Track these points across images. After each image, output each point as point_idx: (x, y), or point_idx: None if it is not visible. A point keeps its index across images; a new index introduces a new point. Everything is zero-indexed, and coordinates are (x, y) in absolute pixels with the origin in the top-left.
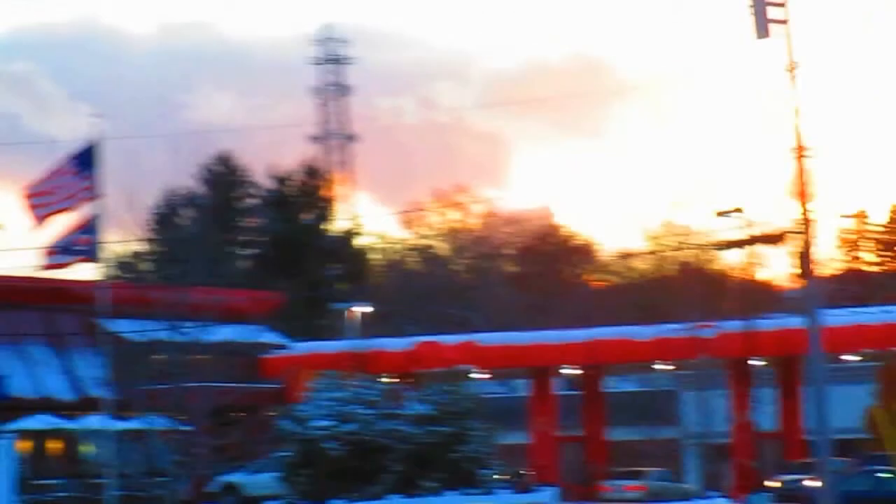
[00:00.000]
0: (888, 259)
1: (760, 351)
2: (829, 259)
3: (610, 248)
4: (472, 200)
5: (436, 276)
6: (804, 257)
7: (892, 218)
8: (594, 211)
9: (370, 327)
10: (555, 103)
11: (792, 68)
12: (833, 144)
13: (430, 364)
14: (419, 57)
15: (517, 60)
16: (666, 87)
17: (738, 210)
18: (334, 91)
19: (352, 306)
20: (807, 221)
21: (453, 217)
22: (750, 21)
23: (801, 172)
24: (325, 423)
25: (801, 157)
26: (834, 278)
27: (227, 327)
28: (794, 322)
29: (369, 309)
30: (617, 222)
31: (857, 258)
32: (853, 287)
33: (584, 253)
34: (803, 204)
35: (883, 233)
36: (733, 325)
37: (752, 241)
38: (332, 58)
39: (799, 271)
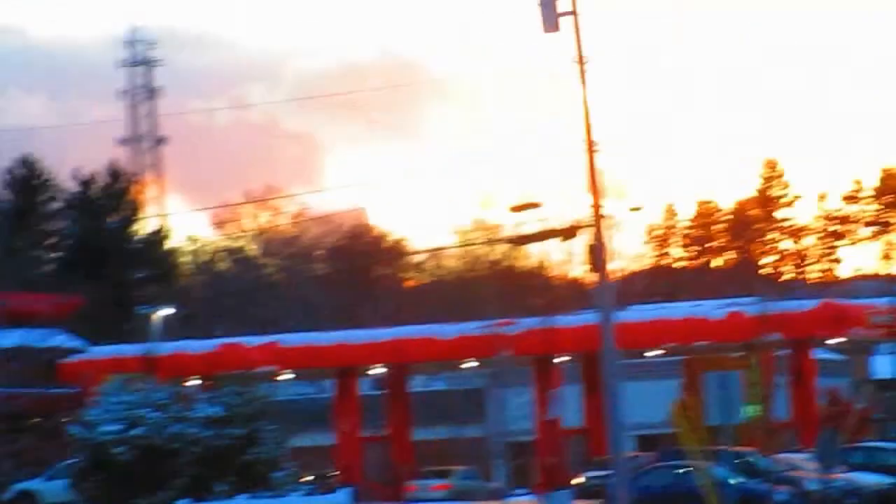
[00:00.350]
0: (696, 255)
1: (562, 347)
2: (639, 255)
3: (421, 246)
4: (284, 201)
5: (246, 278)
6: (595, 251)
7: (698, 213)
8: (406, 210)
9: (177, 330)
10: (366, 103)
11: (581, 62)
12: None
13: (232, 366)
14: (230, 58)
15: (328, 60)
16: (473, 84)
17: (534, 205)
18: (143, 93)
19: (157, 309)
20: (598, 216)
21: (265, 218)
22: (539, 14)
23: (591, 167)
24: (113, 427)
25: (591, 151)
26: (643, 274)
27: (17, 331)
28: (595, 318)
29: (174, 311)
30: (429, 221)
31: (665, 254)
32: (662, 282)
33: (395, 252)
34: (594, 198)
35: (690, 228)
36: (535, 322)
37: (545, 235)
38: (141, 60)
39: (591, 266)
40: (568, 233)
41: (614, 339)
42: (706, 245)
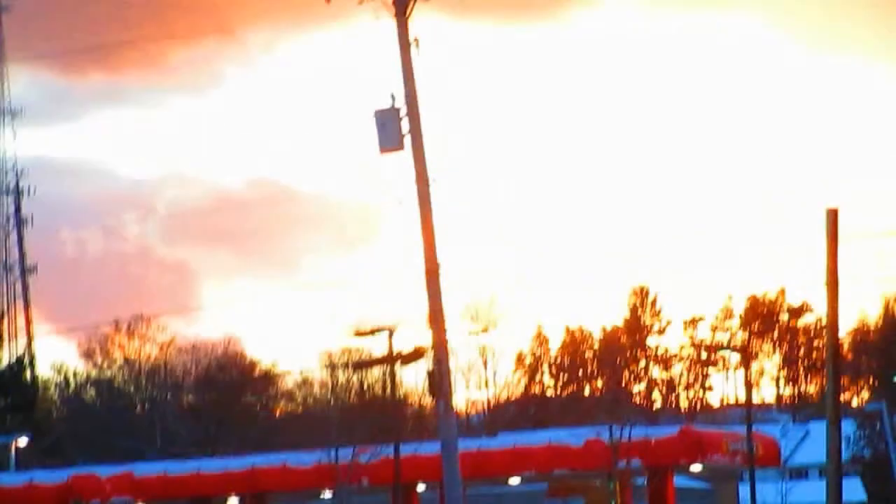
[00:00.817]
0: (566, 382)
1: (419, 475)
2: (510, 382)
3: (290, 374)
4: (154, 330)
5: (113, 408)
6: (433, 376)
7: (566, 341)
8: (278, 337)
9: (36, 460)
10: (239, 230)
11: (424, 183)
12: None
13: (86, 496)
14: (104, 188)
15: (201, 189)
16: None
17: (378, 330)
18: (12, 222)
19: (16, 438)
20: (438, 340)
21: (134, 347)
22: (376, 134)
23: (433, 292)
24: None
25: (431, 275)
26: (514, 401)
27: None
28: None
29: (31, 440)
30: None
31: (536, 381)
32: (532, 410)
33: (266, 380)
34: (434, 323)
35: (560, 355)
36: (393, 449)
37: (385, 360)
38: (9, 189)
39: (431, 391)
40: (409, 358)
41: (458, 468)
42: (576, 372)
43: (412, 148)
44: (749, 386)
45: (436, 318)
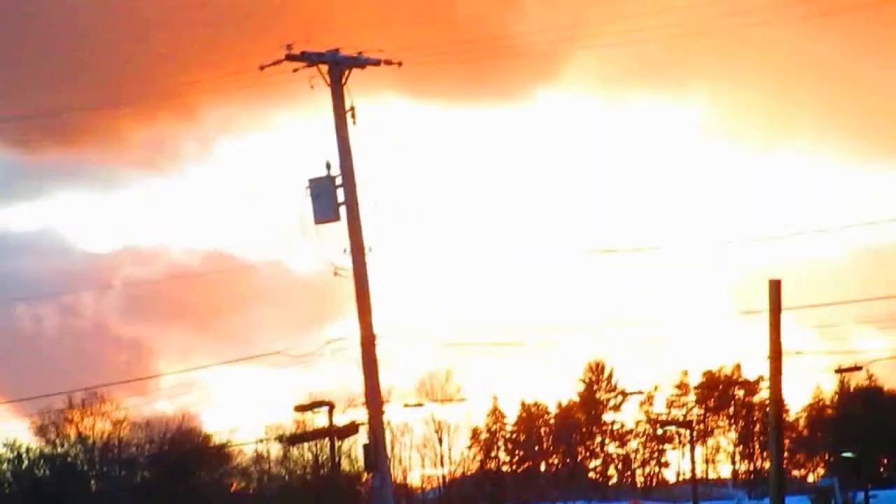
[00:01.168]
0: (521, 457)
1: None
2: (465, 458)
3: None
4: (108, 407)
5: (66, 485)
6: (369, 451)
7: (521, 417)
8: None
9: None
10: (195, 306)
11: (361, 252)
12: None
13: None
14: (61, 263)
15: (158, 266)
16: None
17: (322, 404)
18: None
19: None
20: (375, 414)
21: (88, 424)
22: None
23: (369, 363)
24: None
25: (367, 347)
26: (469, 478)
27: None
28: None
29: None
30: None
31: (492, 457)
32: (488, 486)
33: (220, 456)
34: (370, 395)
35: (514, 432)
36: None
37: (319, 434)
38: None
39: (367, 465)
40: (344, 432)
41: None
42: (532, 448)
43: (347, 218)
44: (694, 462)
45: (372, 391)
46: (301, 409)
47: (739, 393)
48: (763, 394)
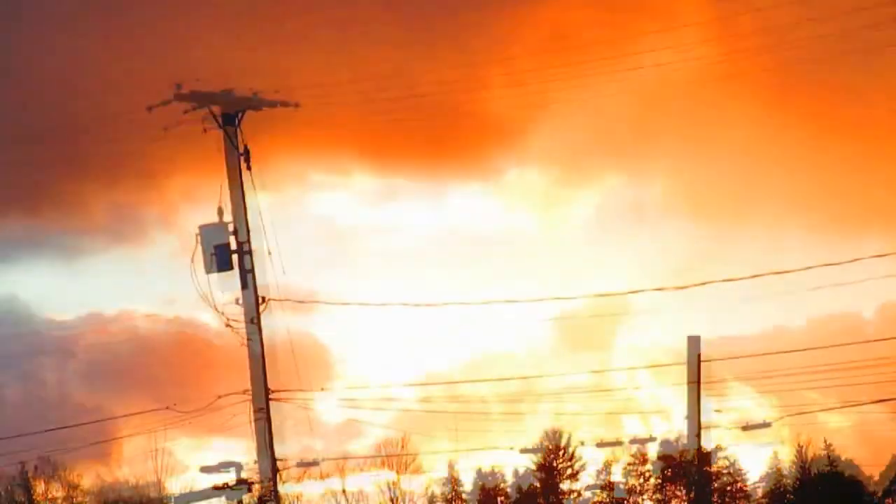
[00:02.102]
0: None
1: None
2: None
3: None
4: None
5: None
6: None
7: (476, 485)
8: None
9: None
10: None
11: (257, 304)
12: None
13: None
14: (21, 331)
15: (119, 334)
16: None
17: (230, 465)
18: None
19: None
20: (271, 471)
21: (41, 490)
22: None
23: (262, 422)
24: None
25: (262, 404)
26: None
27: None
28: None
29: None
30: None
31: None
32: None
33: None
34: (262, 454)
35: (469, 501)
36: None
37: (210, 493)
38: None
39: None
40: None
41: None
42: None
43: (239, 267)
44: None
45: (263, 446)
46: (207, 470)
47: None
48: (721, 462)
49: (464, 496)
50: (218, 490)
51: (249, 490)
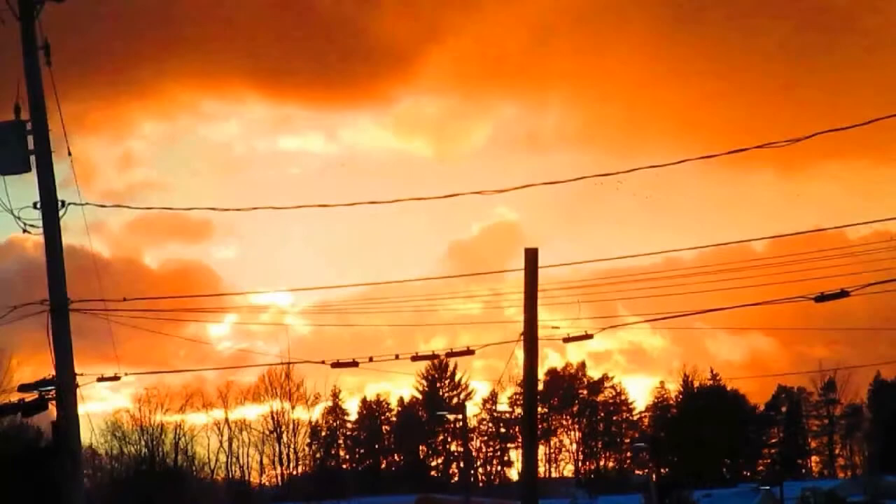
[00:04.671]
0: (363, 455)
1: None
2: (305, 455)
3: None
4: None
5: None
6: (58, 428)
7: (360, 414)
8: None
9: None
10: None
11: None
12: None
13: None
14: None
15: None
16: None
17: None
18: None
19: None
20: (67, 386)
21: None
22: None
23: (60, 331)
24: None
25: (60, 312)
26: (308, 475)
27: None
28: None
29: None
30: None
31: (332, 454)
32: (328, 484)
33: None
34: (60, 366)
35: (353, 429)
36: None
37: (16, 408)
38: None
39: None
40: (31, 408)
41: None
42: (374, 445)
43: (37, 167)
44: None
45: (62, 361)
46: (25, 388)
47: (584, 391)
48: (608, 393)
49: (349, 424)
50: (11, 407)
51: (45, 408)
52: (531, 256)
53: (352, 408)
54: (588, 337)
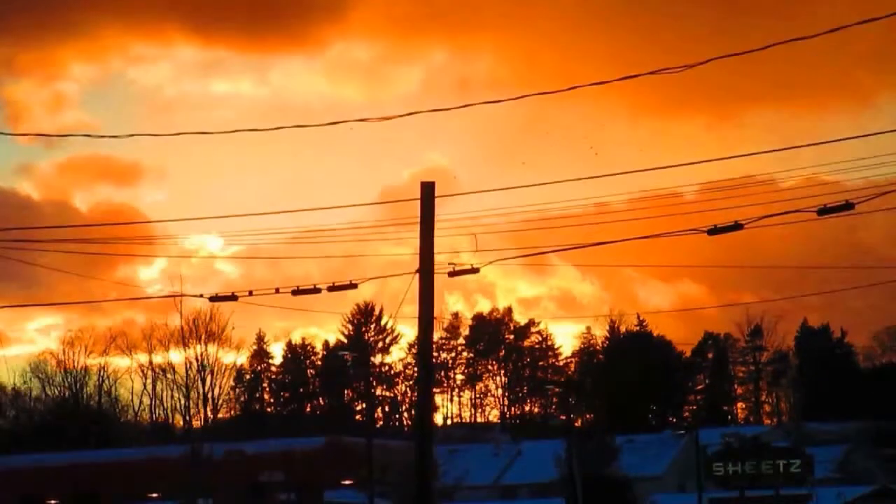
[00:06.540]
0: (287, 399)
1: None
2: (229, 398)
3: None
4: None
5: None
6: None
7: (285, 357)
8: None
9: None
10: None
11: None
12: None
13: None
14: None
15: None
16: None
17: None
18: None
19: None
20: None
21: None
22: None
23: None
24: None
25: None
26: (232, 419)
27: None
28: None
29: None
30: None
31: (256, 398)
32: (250, 427)
33: None
34: None
35: (279, 373)
36: None
37: None
38: None
39: None
40: None
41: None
42: (298, 390)
43: None
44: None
45: None
46: None
47: (510, 337)
48: (534, 338)
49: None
50: None
51: None
52: (427, 190)
53: (277, 351)
54: (474, 271)
